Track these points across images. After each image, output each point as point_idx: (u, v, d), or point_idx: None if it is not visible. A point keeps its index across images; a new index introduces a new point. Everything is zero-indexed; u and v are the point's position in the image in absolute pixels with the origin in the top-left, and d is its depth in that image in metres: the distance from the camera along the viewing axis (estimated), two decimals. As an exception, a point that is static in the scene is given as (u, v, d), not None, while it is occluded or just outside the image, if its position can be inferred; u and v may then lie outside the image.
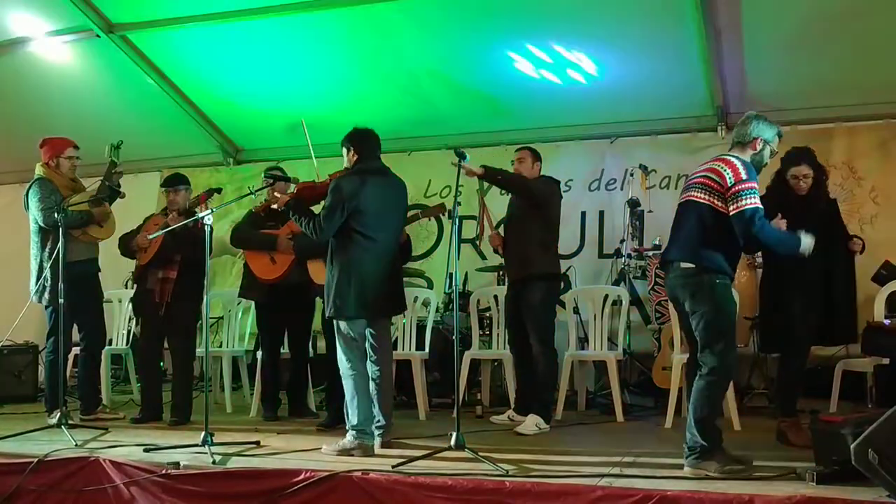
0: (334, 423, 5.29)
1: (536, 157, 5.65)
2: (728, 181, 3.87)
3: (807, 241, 3.92)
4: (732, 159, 3.96)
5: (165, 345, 6.02)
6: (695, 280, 3.93)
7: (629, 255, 6.59)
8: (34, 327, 6.97)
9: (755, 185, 3.88)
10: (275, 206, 5.25)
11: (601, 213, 7.52)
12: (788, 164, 4.81)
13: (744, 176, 3.86)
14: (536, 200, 5.42)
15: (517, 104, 7.40)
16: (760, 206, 3.85)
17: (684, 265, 3.97)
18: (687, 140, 7.27)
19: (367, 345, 4.72)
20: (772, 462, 3.92)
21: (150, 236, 5.53)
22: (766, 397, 5.93)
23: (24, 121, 7.76)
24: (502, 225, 5.84)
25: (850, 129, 6.86)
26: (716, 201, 3.92)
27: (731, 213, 3.86)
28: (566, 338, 6.12)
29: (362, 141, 4.78)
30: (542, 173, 5.67)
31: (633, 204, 6.69)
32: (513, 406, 5.65)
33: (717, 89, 6.82)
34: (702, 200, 3.97)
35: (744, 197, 3.83)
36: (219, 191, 5.95)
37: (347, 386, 4.62)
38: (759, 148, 4.02)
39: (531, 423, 5.17)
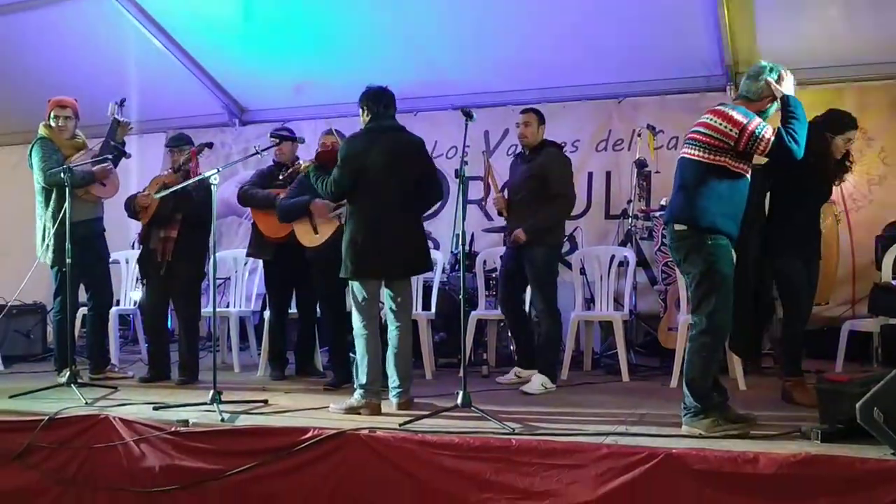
0: (341, 383, 5.32)
1: (542, 119, 5.62)
2: (731, 133, 3.74)
3: None
4: (722, 108, 3.83)
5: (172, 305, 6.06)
6: (686, 242, 3.88)
7: (636, 216, 6.58)
8: (43, 288, 7.00)
9: (756, 119, 3.78)
10: (300, 170, 5.23)
11: (608, 174, 7.48)
12: (842, 129, 4.69)
13: (742, 119, 3.75)
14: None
15: (523, 64, 7.33)
16: (770, 127, 3.78)
17: (677, 227, 3.91)
18: (695, 100, 7.19)
19: (386, 307, 4.74)
20: (777, 422, 3.94)
21: (156, 195, 5.52)
22: (772, 357, 5.95)
23: (28, 81, 7.71)
24: (505, 189, 5.80)
25: (860, 89, 6.78)
26: (707, 156, 3.81)
27: (768, 155, 3.79)
28: (572, 298, 6.13)
29: (374, 100, 4.72)
30: (545, 136, 5.66)
31: (641, 164, 6.66)
32: (516, 362, 5.69)
33: (727, 48, 6.74)
34: (691, 157, 3.88)
35: (761, 135, 3.73)
36: (210, 145, 5.96)
37: (359, 345, 4.63)
38: (768, 105, 3.91)
39: (537, 383, 5.20)
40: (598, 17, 6.70)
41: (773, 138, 3.72)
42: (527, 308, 5.88)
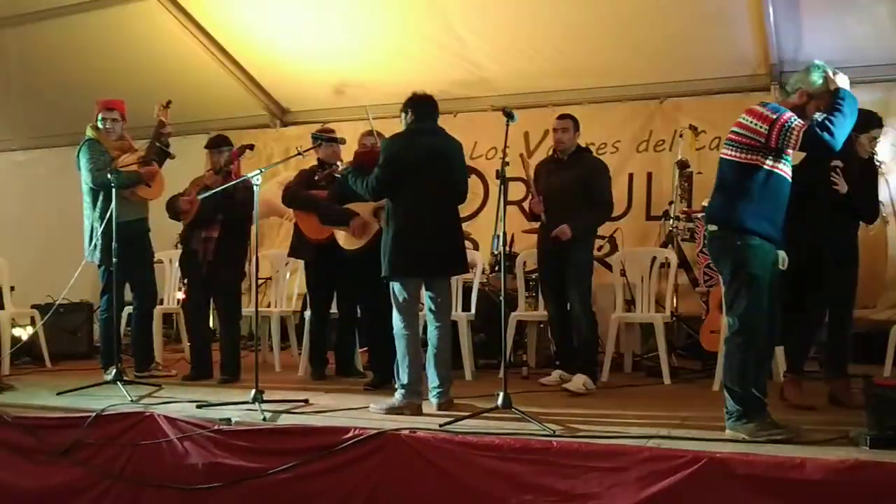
0: (381, 384, 5.33)
1: (577, 125, 5.68)
2: (762, 130, 3.68)
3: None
4: (755, 107, 3.79)
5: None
6: (718, 242, 3.85)
7: (677, 217, 6.51)
8: (89, 286, 7.13)
9: (788, 112, 3.70)
10: (337, 173, 5.25)
11: (649, 175, 7.41)
12: (866, 127, 4.62)
13: (771, 114, 3.68)
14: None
15: (563, 64, 7.29)
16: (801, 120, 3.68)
17: (710, 227, 3.88)
18: (738, 100, 7.07)
19: (426, 308, 4.75)
20: (824, 426, 3.87)
21: (199, 197, 5.59)
22: (818, 361, 5.84)
23: (76, 84, 7.86)
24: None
25: (909, 88, 6.64)
26: (740, 155, 3.76)
27: (804, 148, 3.72)
28: (613, 300, 6.08)
29: (418, 104, 4.78)
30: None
31: (682, 165, 6.59)
32: (558, 365, 5.68)
33: (771, 47, 6.63)
34: (726, 156, 3.84)
35: (791, 126, 3.63)
36: (251, 147, 6.03)
37: (400, 345, 4.65)
38: (803, 101, 3.78)
39: (579, 382, 5.20)
40: (639, 16, 6.64)
41: (804, 129, 3.63)
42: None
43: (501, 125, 4.48)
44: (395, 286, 4.66)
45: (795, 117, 3.68)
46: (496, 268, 6.68)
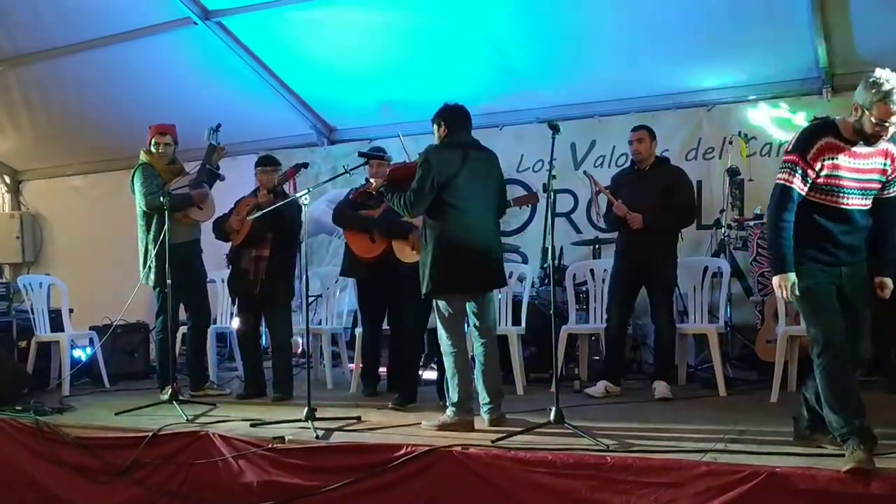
0: (406, 401, 5.27)
1: (653, 135, 5.76)
2: (784, 157, 3.60)
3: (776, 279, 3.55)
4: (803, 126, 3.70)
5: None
6: None
7: (729, 226, 6.41)
8: (145, 307, 7.27)
9: (794, 157, 3.50)
10: (370, 190, 5.27)
11: (699, 183, 7.29)
12: None
13: (790, 146, 3.57)
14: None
15: (607, 74, 7.24)
16: (788, 185, 3.50)
17: None
18: (790, 104, 6.98)
19: (470, 324, 4.73)
20: (886, 440, 3.72)
21: (250, 217, 5.67)
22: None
23: (130, 110, 8.03)
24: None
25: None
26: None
27: None
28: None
29: (451, 115, 4.73)
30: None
31: (733, 173, 6.49)
32: (609, 378, 5.68)
33: (822, 48, 6.50)
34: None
35: (779, 171, 3.57)
36: (305, 165, 6.11)
37: (448, 363, 4.62)
38: (857, 115, 3.49)
39: (664, 388, 5.42)
40: (685, 22, 6.56)
41: (777, 184, 3.53)
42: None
43: (547, 138, 4.46)
44: (440, 303, 4.63)
45: (782, 175, 3.53)
46: (545, 281, 6.65)
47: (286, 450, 4.24)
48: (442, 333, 4.66)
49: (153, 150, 6.07)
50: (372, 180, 5.27)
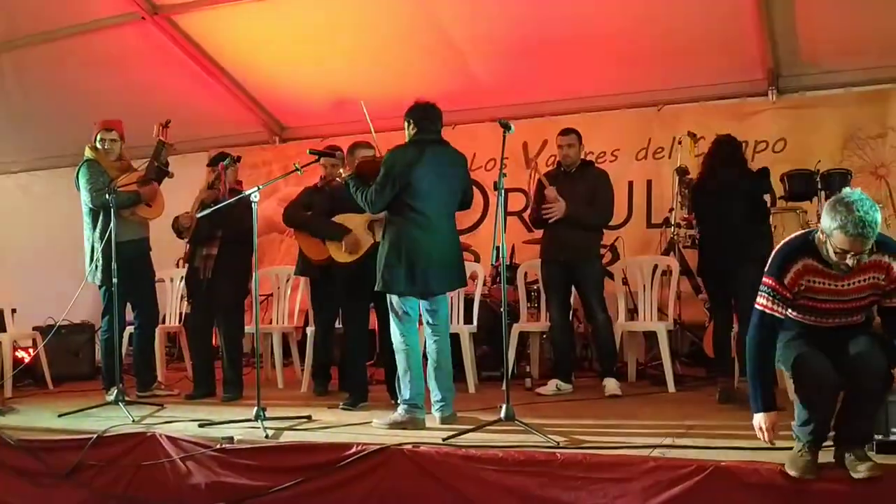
0: (357, 403, 5.24)
1: (580, 138, 5.85)
2: None
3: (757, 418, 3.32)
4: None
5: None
6: None
7: (678, 225, 6.49)
8: (90, 307, 7.12)
9: (771, 281, 3.23)
10: (339, 179, 5.21)
11: (649, 183, 7.41)
12: None
13: (768, 267, 3.27)
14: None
15: (560, 74, 7.30)
16: (768, 311, 3.24)
17: None
18: (736, 105, 7.11)
19: (424, 321, 4.72)
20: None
21: (198, 215, 5.59)
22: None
23: (75, 106, 7.88)
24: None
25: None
26: None
27: None
28: (615, 308, 6.06)
29: (420, 114, 4.70)
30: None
31: (682, 172, 6.54)
32: (560, 377, 5.70)
33: (768, 51, 6.63)
34: None
35: (759, 294, 3.30)
36: (238, 158, 6.04)
37: (400, 360, 4.60)
38: (822, 239, 3.14)
39: (614, 385, 5.47)
40: (635, 25, 6.65)
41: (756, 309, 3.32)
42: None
43: (499, 136, 4.47)
44: (393, 299, 4.61)
45: (761, 300, 3.28)
46: (497, 279, 6.67)
47: (235, 450, 4.18)
48: (395, 331, 4.64)
49: (98, 146, 5.94)
50: (342, 170, 5.24)
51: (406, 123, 4.74)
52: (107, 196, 5.50)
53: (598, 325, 5.69)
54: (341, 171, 5.28)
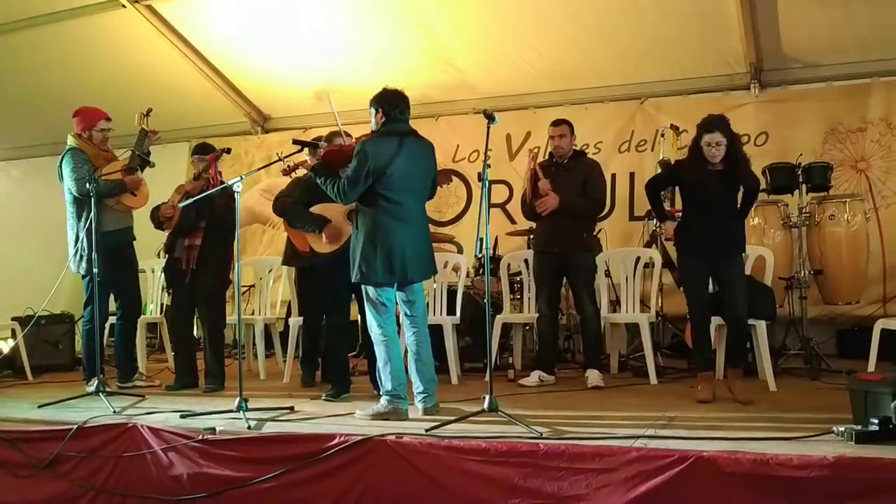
0: (340, 394, 5.22)
1: (572, 129, 5.83)
2: None
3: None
4: None
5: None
6: None
7: (661, 217, 6.51)
8: (70, 297, 7.07)
9: None
10: (306, 168, 5.17)
11: (632, 175, 7.43)
12: (702, 132, 4.86)
13: None
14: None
15: (544, 66, 7.30)
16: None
17: None
18: (719, 99, 7.15)
19: (402, 313, 4.71)
20: (809, 423, 3.86)
21: (181, 204, 5.54)
22: (803, 359, 5.86)
23: (54, 93, 7.80)
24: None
25: (887, 84, 6.69)
26: None
27: None
28: (599, 300, 6.08)
29: (390, 101, 4.62)
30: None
31: (665, 165, 6.59)
32: (543, 368, 5.70)
33: (750, 45, 6.67)
34: None
35: None
36: (227, 151, 5.91)
37: (380, 352, 4.59)
38: None
39: (597, 376, 5.50)
40: (618, 17, 6.66)
41: None
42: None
43: (483, 128, 4.46)
44: (370, 290, 4.58)
45: None
46: (480, 271, 6.67)
47: (217, 441, 4.15)
48: (372, 322, 4.62)
49: (95, 135, 5.87)
50: (308, 159, 5.21)
51: (374, 111, 4.63)
52: (89, 185, 5.45)
53: (587, 316, 5.70)
54: (307, 160, 5.22)
